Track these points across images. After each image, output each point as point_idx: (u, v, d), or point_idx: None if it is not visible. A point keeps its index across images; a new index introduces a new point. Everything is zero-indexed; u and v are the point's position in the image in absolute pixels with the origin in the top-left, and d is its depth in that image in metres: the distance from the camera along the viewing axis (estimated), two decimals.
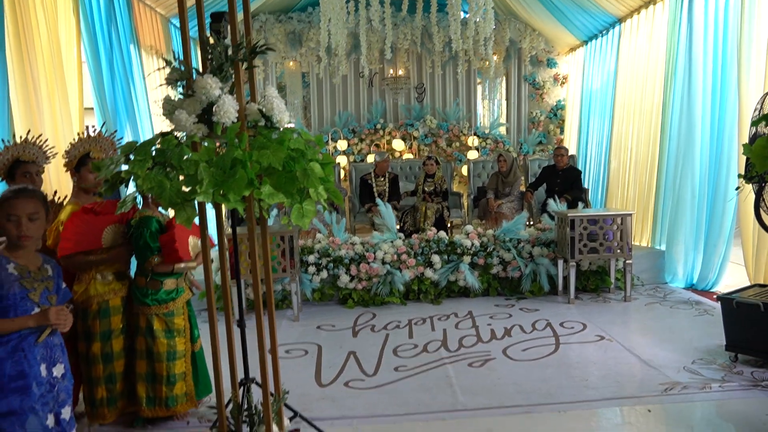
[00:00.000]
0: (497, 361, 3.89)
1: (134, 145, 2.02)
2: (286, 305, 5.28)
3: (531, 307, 5.16)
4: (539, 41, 8.94)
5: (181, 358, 3.01)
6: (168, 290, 2.97)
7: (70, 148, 2.92)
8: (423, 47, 8.63)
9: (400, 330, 4.64)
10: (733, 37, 4.97)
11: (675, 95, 5.71)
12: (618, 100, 7.17)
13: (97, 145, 2.94)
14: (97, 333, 2.90)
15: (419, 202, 6.83)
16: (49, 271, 2.24)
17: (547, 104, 9.21)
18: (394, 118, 9.00)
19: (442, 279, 5.45)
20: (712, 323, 4.39)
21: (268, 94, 2.15)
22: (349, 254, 5.38)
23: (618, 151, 7.16)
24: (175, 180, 1.98)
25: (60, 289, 2.32)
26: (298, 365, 3.95)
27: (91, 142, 2.93)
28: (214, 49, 2.13)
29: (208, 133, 2.07)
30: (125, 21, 5.36)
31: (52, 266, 2.31)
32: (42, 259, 2.26)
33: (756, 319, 3.54)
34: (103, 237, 2.87)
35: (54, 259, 2.41)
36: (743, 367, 3.60)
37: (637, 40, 6.70)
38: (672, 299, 5.24)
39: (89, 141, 2.93)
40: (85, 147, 2.91)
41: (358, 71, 8.79)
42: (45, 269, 2.23)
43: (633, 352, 3.94)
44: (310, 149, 2.15)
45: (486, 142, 8.89)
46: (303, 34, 8.56)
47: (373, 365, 3.90)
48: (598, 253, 5.21)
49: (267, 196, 2.00)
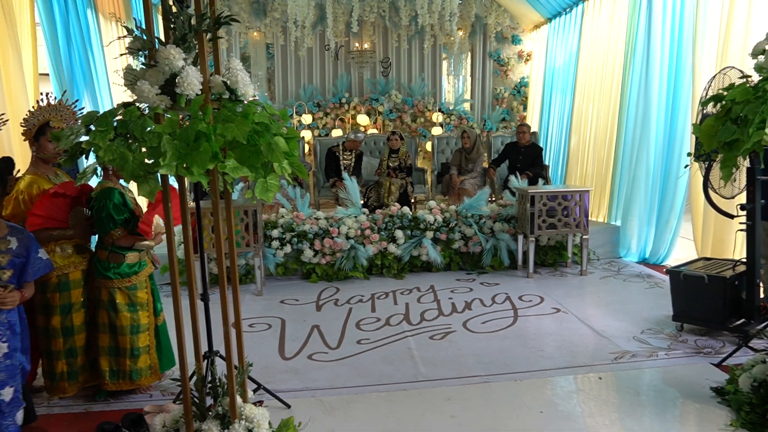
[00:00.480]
0: (458, 334, 4.00)
1: (95, 115, 1.99)
2: (249, 280, 5.28)
3: (491, 281, 5.29)
4: (504, 17, 8.97)
5: (145, 331, 3.00)
6: (130, 264, 2.94)
7: (29, 116, 2.83)
8: (389, 21, 8.57)
9: (363, 304, 4.71)
10: (689, 20, 5.11)
11: (633, 75, 5.85)
12: (579, 78, 7.30)
13: (58, 114, 2.86)
14: (57, 306, 2.86)
15: (383, 178, 6.86)
16: (11, 243, 2.18)
17: (511, 81, 9.29)
18: (360, 92, 8.95)
19: (405, 254, 5.52)
20: (662, 295, 4.61)
21: (233, 67, 2.13)
22: (313, 229, 5.40)
23: (578, 128, 7.31)
24: (138, 152, 1.96)
25: (17, 264, 2.26)
26: (262, 339, 3.98)
27: (51, 110, 2.85)
28: (177, 18, 2.09)
29: (172, 105, 2.04)
30: None
31: (20, 238, 2.24)
32: (8, 230, 2.18)
33: (700, 291, 3.74)
34: (69, 218, 2.84)
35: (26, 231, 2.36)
36: (688, 336, 3.80)
37: (599, 19, 6.81)
38: (625, 273, 5.45)
39: (49, 109, 2.85)
40: (44, 116, 2.82)
41: (324, 44, 8.68)
42: (6, 241, 2.16)
43: (587, 324, 4.11)
44: (275, 123, 2.15)
45: (450, 118, 8.95)
46: (267, 4, 8.38)
47: (337, 338, 3.96)
48: (556, 229, 5.35)
49: (231, 170, 2.00)
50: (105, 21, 5.68)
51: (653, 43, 5.57)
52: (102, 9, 5.59)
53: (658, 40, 5.52)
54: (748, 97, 2.44)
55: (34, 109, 2.86)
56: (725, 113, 2.56)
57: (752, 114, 2.37)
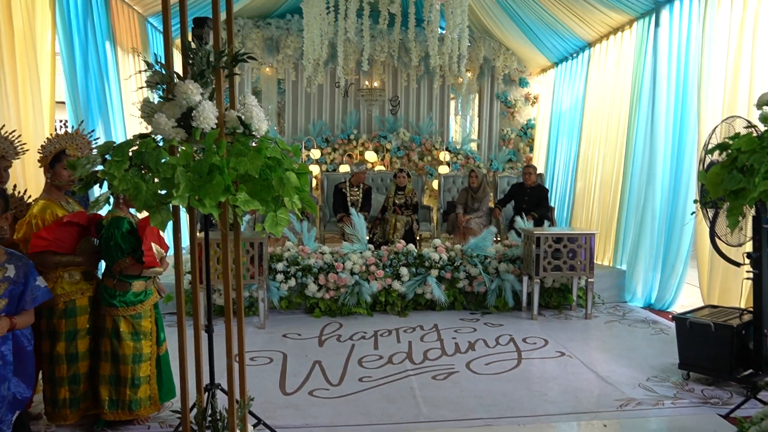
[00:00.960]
0: (460, 374, 3.95)
1: (112, 145, 2.03)
2: (252, 312, 5.26)
3: (495, 321, 5.25)
4: (512, 60, 9.14)
5: (147, 360, 2.99)
6: (136, 292, 2.95)
7: (46, 144, 2.88)
8: (399, 60, 8.75)
9: (366, 341, 4.67)
10: (694, 66, 5.20)
11: (639, 120, 5.93)
12: (586, 122, 7.39)
13: (74, 142, 2.91)
14: (63, 332, 2.86)
15: (389, 214, 6.89)
16: (9, 271, 2.18)
17: (518, 122, 9.41)
18: (368, 129, 9.07)
19: (409, 291, 5.50)
20: (668, 342, 4.55)
21: (248, 102, 2.18)
22: (318, 263, 5.40)
23: (584, 172, 7.36)
24: (151, 183, 1.99)
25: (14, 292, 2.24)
26: (263, 373, 3.95)
27: (68, 139, 2.90)
28: (196, 54, 2.15)
29: (187, 137, 2.09)
30: (102, 17, 5.31)
31: (18, 266, 2.25)
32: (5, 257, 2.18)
33: (707, 339, 3.70)
34: (78, 246, 2.87)
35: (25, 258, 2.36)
36: (695, 385, 3.74)
37: (606, 64, 6.94)
38: (630, 318, 5.41)
39: (66, 138, 2.90)
40: (61, 143, 2.87)
41: (334, 81, 8.84)
42: (3, 269, 2.16)
43: (591, 369, 4.06)
44: (287, 158, 2.18)
45: (457, 157, 9.03)
46: (280, 41, 8.58)
47: (338, 375, 3.92)
48: (561, 271, 5.34)
49: (242, 203, 2.02)
50: (122, 53, 5.83)
51: (659, 89, 5.66)
52: (120, 41, 5.75)
53: (664, 87, 5.61)
54: (753, 146, 2.47)
55: (52, 137, 2.91)
56: (731, 162, 2.58)
57: (758, 163, 2.40)
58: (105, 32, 5.38)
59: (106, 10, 5.42)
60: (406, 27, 7.32)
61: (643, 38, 5.98)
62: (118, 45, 5.70)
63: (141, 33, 6.34)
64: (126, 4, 5.94)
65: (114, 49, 5.59)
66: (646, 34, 5.93)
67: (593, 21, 6.67)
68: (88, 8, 5.02)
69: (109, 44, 5.49)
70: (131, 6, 6.06)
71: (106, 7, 5.42)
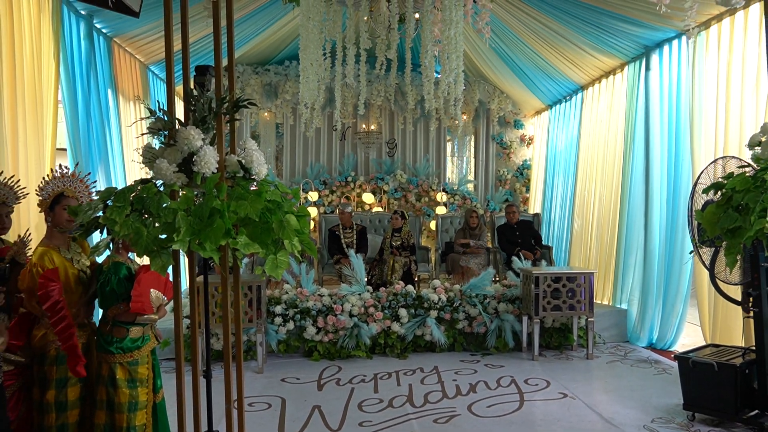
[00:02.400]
0: (462, 418, 3.88)
1: (113, 191, 2.05)
2: (250, 356, 5.19)
3: (496, 363, 5.19)
4: (507, 103, 9.31)
5: (143, 409, 2.92)
6: (134, 338, 2.91)
7: (44, 186, 2.89)
8: (395, 104, 8.90)
9: (366, 384, 4.60)
10: (686, 108, 5.31)
11: (635, 160, 6.01)
12: (581, 162, 7.48)
13: (71, 185, 2.92)
14: (53, 380, 2.80)
15: (387, 256, 6.89)
16: None
17: (514, 163, 9.51)
18: (365, 171, 9.15)
19: (408, 333, 5.45)
20: (670, 381, 4.50)
21: (248, 147, 2.22)
22: (316, 306, 5.37)
23: (581, 211, 7.41)
24: (152, 227, 2.01)
25: None
26: (261, 419, 3.87)
27: (65, 181, 2.92)
28: (198, 101, 2.20)
29: (188, 182, 2.11)
30: (104, 65, 5.42)
31: None
32: None
33: (711, 379, 3.66)
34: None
35: None
36: (700, 426, 3.68)
37: (599, 106, 7.07)
38: (632, 357, 5.35)
39: (63, 180, 2.92)
40: (58, 186, 2.89)
41: (332, 124, 8.96)
42: None
43: (595, 410, 3.99)
44: (287, 201, 2.20)
45: (454, 198, 9.09)
46: (279, 86, 8.75)
47: (338, 420, 3.85)
48: (561, 311, 5.31)
49: (243, 246, 2.04)
50: (123, 101, 5.93)
51: (652, 130, 5.76)
52: (122, 89, 5.85)
53: (657, 128, 5.71)
54: (747, 186, 2.51)
55: (49, 178, 2.92)
56: (726, 201, 2.62)
57: (753, 202, 2.43)
58: (107, 80, 5.48)
59: (108, 59, 5.54)
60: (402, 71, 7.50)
61: (635, 81, 6.12)
62: (120, 93, 5.81)
63: (142, 81, 6.46)
64: (128, 53, 6.08)
65: (116, 97, 5.69)
66: (637, 77, 6.07)
67: (585, 65, 6.84)
68: (91, 57, 5.13)
69: (111, 92, 5.59)
70: (133, 55, 6.20)
71: (108, 55, 5.54)
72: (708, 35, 4.98)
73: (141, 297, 2.81)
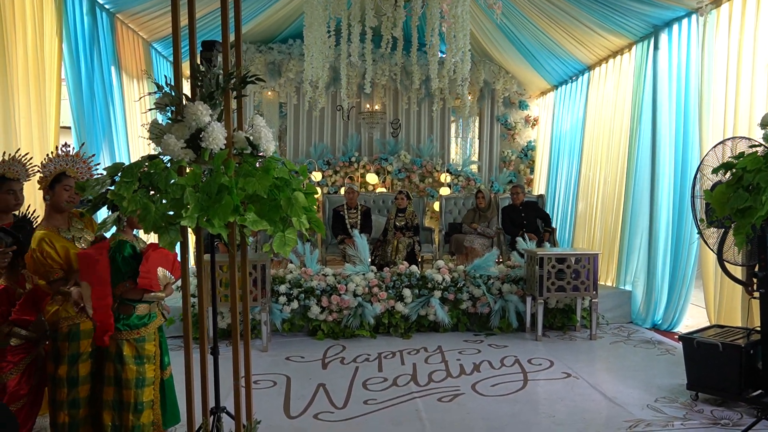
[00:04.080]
0: (466, 396, 3.91)
1: (120, 166, 2.04)
2: (255, 335, 5.21)
3: (499, 343, 5.21)
4: (512, 83, 9.23)
5: (150, 385, 2.94)
6: (140, 315, 2.92)
7: (46, 162, 2.88)
8: (400, 84, 8.82)
9: (370, 363, 4.63)
10: (695, 88, 5.25)
11: (641, 141, 5.97)
12: (586, 143, 7.43)
13: (74, 164, 2.90)
14: (66, 356, 2.82)
15: (391, 236, 6.88)
16: None
17: (518, 144, 9.46)
18: (369, 151, 9.11)
19: (412, 313, 5.47)
20: (674, 362, 4.51)
21: (257, 123, 2.20)
22: (320, 285, 5.38)
23: (585, 193, 7.38)
24: (160, 203, 2.00)
25: None
26: (267, 396, 3.90)
27: (68, 160, 2.90)
28: (205, 76, 2.18)
29: (195, 158, 2.10)
30: (108, 43, 5.37)
31: None
32: None
33: (715, 359, 3.67)
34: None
35: None
36: (704, 406, 3.70)
37: (605, 87, 7.00)
38: (636, 338, 5.37)
39: (66, 159, 2.90)
40: (61, 165, 2.87)
41: (336, 104, 8.92)
42: None
43: (598, 390, 4.02)
44: (294, 179, 2.19)
45: (458, 179, 9.05)
46: (282, 65, 8.67)
47: (343, 398, 3.87)
48: (565, 291, 5.32)
49: (251, 223, 2.03)
50: (127, 78, 5.88)
51: (659, 111, 5.70)
52: (125, 67, 5.81)
53: (665, 108, 5.65)
54: (759, 165, 2.49)
55: (52, 156, 2.90)
56: (737, 181, 2.59)
57: (764, 182, 2.41)
58: (110, 58, 5.44)
59: (112, 36, 5.48)
60: (407, 51, 7.43)
61: (643, 61, 6.05)
62: (123, 70, 5.76)
63: (146, 58, 6.41)
64: (131, 30, 6.01)
65: (119, 74, 5.65)
66: (645, 57, 5.99)
67: (592, 44, 6.75)
68: (94, 33, 5.09)
69: (115, 69, 5.54)
70: (136, 32, 6.14)
71: (112, 32, 5.49)
72: (719, 14, 4.90)
73: (149, 273, 2.81)
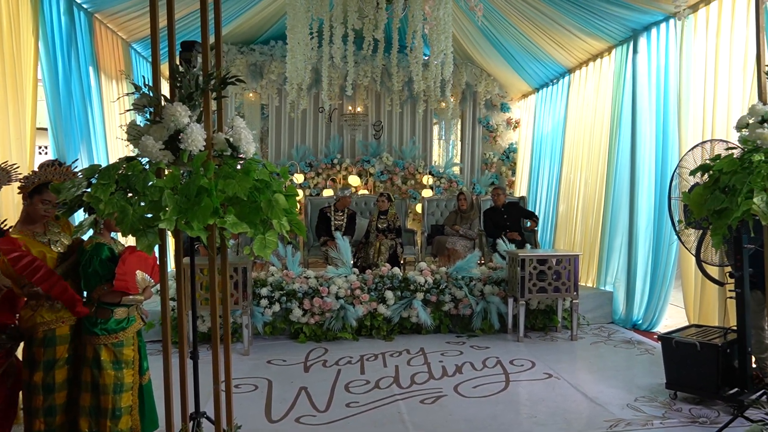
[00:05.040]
0: (449, 398, 3.91)
1: (97, 168, 2.00)
2: (236, 339, 5.17)
3: (481, 344, 5.23)
4: (494, 86, 9.28)
5: (128, 390, 2.90)
6: (118, 319, 2.87)
7: (32, 175, 2.82)
8: (382, 86, 8.83)
9: (352, 366, 4.61)
10: (673, 91, 5.33)
11: (621, 144, 6.04)
12: (567, 146, 7.50)
13: (61, 177, 2.84)
14: (41, 362, 2.76)
15: (373, 238, 6.87)
16: None
17: (500, 147, 9.51)
18: (351, 153, 9.10)
19: (394, 315, 5.46)
20: (653, 362, 4.57)
21: (237, 125, 2.18)
22: (302, 288, 5.35)
23: (566, 195, 7.45)
24: (138, 206, 1.97)
25: None
26: (248, 400, 3.87)
27: (57, 173, 2.83)
28: (184, 77, 2.15)
29: (174, 160, 2.07)
30: (86, 43, 5.28)
31: None
32: None
33: (693, 358, 3.72)
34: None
35: None
36: (682, 404, 3.75)
37: (586, 90, 7.08)
38: (616, 338, 5.42)
39: (55, 172, 2.83)
40: (48, 176, 2.81)
41: (318, 106, 8.89)
42: None
43: (579, 390, 4.05)
44: (275, 181, 2.17)
45: (440, 181, 9.08)
46: (264, 67, 8.62)
47: (325, 401, 3.85)
48: (546, 293, 5.35)
49: (231, 226, 2.01)
50: (106, 79, 5.80)
51: (639, 113, 5.78)
52: (103, 67, 5.72)
53: (645, 111, 5.73)
54: (735, 167, 2.52)
55: (45, 168, 2.84)
56: (713, 182, 2.63)
57: (740, 184, 2.45)
58: (89, 58, 5.35)
59: (90, 36, 5.40)
60: (389, 53, 7.44)
61: (622, 64, 6.12)
62: (102, 71, 5.68)
63: (125, 59, 6.33)
64: (110, 30, 5.93)
65: (97, 75, 5.56)
66: (625, 60, 6.07)
67: (572, 48, 6.82)
68: (71, 34, 5.00)
69: (93, 70, 5.46)
70: (115, 32, 6.06)
71: (90, 32, 5.40)
72: (696, 18, 4.98)
73: (125, 276, 2.77)
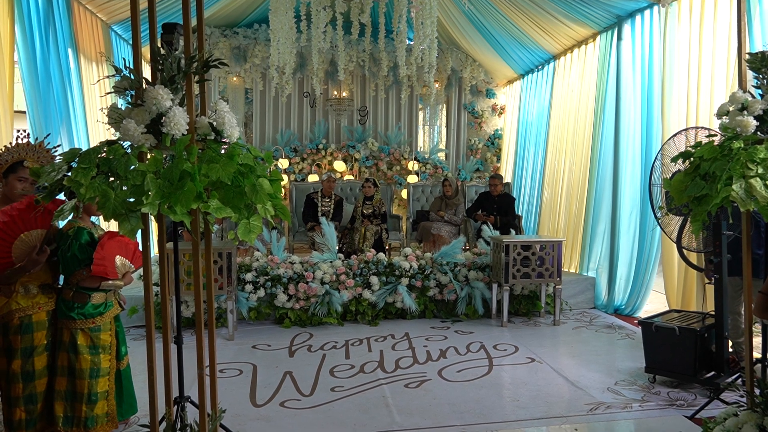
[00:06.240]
0: (433, 382, 3.95)
1: (78, 152, 1.97)
2: (221, 324, 5.17)
3: (466, 329, 5.28)
4: (479, 72, 9.28)
5: (105, 375, 2.87)
6: (96, 304, 2.84)
7: (3, 152, 2.75)
8: (368, 71, 8.78)
9: (337, 350, 4.63)
10: (657, 78, 5.36)
11: (605, 130, 6.08)
12: (551, 132, 7.53)
13: (35, 154, 2.76)
14: (18, 349, 2.72)
15: (359, 224, 6.88)
16: None
17: (485, 133, 9.53)
18: (337, 139, 9.06)
19: (380, 300, 5.49)
20: (634, 346, 4.65)
21: (220, 109, 2.15)
22: (287, 273, 5.34)
23: (551, 181, 7.50)
24: (119, 190, 1.94)
25: None
26: (233, 385, 3.87)
27: (29, 150, 2.76)
28: (166, 60, 2.11)
29: (156, 144, 2.04)
30: (64, 24, 5.17)
31: None
32: None
33: (672, 343, 3.79)
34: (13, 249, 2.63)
35: None
36: (661, 388, 3.83)
37: (570, 76, 7.10)
38: (597, 323, 5.50)
39: (27, 149, 2.76)
40: (20, 154, 2.74)
41: (302, 90, 8.82)
42: None
43: (561, 374, 4.11)
44: (259, 165, 2.16)
45: (426, 166, 9.09)
46: (248, 50, 8.52)
47: (310, 385, 3.87)
48: (530, 278, 5.40)
49: (215, 210, 1.99)
50: (85, 61, 5.69)
51: (623, 100, 5.81)
52: (83, 49, 5.61)
53: (629, 98, 5.77)
54: (715, 154, 2.55)
55: (11, 146, 2.78)
56: (694, 169, 2.66)
57: (720, 171, 2.47)
58: (67, 40, 5.24)
59: (68, 18, 5.28)
60: (375, 38, 7.39)
61: (606, 51, 6.15)
62: (81, 53, 5.57)
63: (105, 41, 6.21)
64: (89, 12, 5.81)
65: (77, 57, 5.45)
66: (609, 47, 6.10)
67: (558, 34, 6.83)
68: (49, 15, 4.89)
69: (72, 52, 5.35)
70: (94, 13, 5.94)
71: (68, 14, 5.28)
72: (680, 5, 5.01)
73: (103, 261, 2.73)
